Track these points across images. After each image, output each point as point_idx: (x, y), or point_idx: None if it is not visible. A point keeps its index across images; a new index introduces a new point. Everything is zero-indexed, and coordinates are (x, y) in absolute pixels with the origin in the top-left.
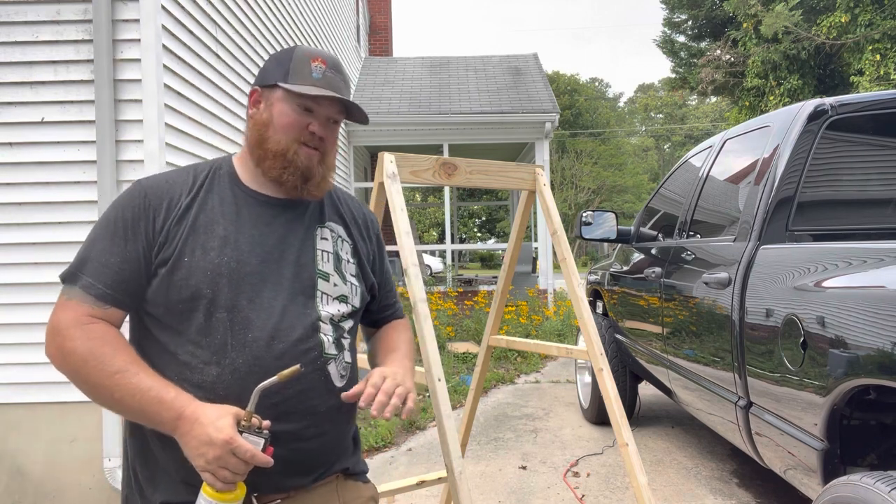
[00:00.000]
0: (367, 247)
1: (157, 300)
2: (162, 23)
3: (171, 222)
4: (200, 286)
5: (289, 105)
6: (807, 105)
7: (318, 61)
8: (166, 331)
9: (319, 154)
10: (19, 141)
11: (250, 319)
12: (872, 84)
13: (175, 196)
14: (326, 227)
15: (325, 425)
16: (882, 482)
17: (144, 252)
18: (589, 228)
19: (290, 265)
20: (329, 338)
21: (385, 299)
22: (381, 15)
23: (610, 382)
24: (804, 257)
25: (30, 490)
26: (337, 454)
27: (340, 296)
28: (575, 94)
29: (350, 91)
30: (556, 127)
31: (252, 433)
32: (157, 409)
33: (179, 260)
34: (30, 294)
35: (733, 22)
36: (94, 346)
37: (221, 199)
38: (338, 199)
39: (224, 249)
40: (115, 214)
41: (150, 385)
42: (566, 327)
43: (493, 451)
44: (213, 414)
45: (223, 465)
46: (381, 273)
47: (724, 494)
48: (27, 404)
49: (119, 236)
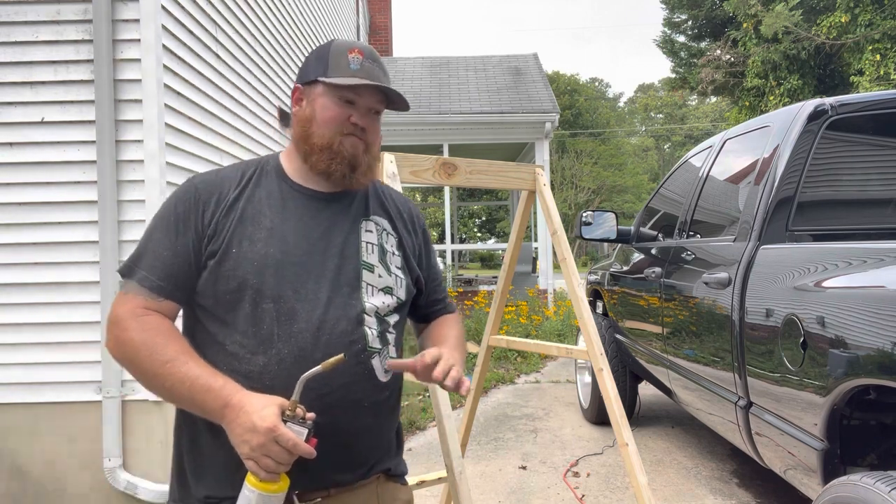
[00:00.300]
0: (412, 240)
1: (207, 291)
2: (162, 23)
3: (220, 215)
4: (247, 276)
5: (330, 98)
6: (807, 105)
7: (356, 52)
8: (215, 321)
9: (364, 143)
10: (19, 141)
11: (296, 310)
12: (872, 84)
13: (224, 190)
14: (371, 220)
15: (368, 419)
16: (882, 482)
17: (194, 245)
18: (589, 228)
19: (335, 257)
20: (373, 331)
21: (433, 294)
22: (381, 15)
23: (610, 382)
24: (804, 257)
25: (30, 490)
26: (380, 451)
27: (385, 287)
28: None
29: (389, 80)
30: (556, 127)
31: (296, 423)
32: (205, 398)
33: (227, 251)
34: (30, 294)
35: (733, 22)
36: (147, 336)
37: (269, 193)
38: (383, 194)
39: (270, 240)
40: (168, 210)
41: (199, 374)
42: (566, 327)
43: (493, 451)
44: (258, 403)
45: (266, 452)
46: (428, 267)
47: (724, 494)
48: (27, 404)
49: (171, 230)
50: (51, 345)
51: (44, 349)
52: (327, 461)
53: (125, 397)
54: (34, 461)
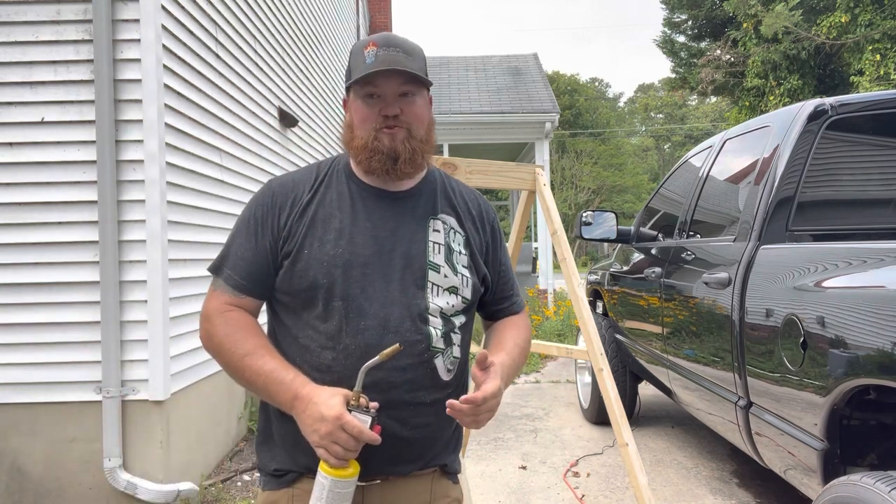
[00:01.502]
0: (479, 237)
1: (283, 288)
2: (162, 23)
3: (294, 218)
4: (317, 276)
5: (358, 100)
6: (807, 105)
7: (371, 46)
8: (291, 316)
9: (402, 130)
10: (19, 141)
11: (363, 308)
12: (872, 84)
13: (299, 193)
14: (439, 218)
15: (429, 418)
16: (882, 482)
17: (271, 246)
18: (589, 228)
19: (402, 256)
20: (438, 331)
21: (500, 292)
22: (381, 15)
23: (610, 382)
24: (804, 257)
25: (30, 490)
26: (439, 448)
27: (451, 287)
28: (575, 94)
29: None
30: (556, 127)
31: (360, 412)
32: (277, 389)
33: (300, 252)
34: (30, 294)
35: (733, 22)
36: (229, 331)
37: (339, 194)
38: (451, 190)
39: (339, 241)
40: (249, 213)
41: (273, 367)
42: (566, 327)
43: (493, 451)
44: (325, 394)
45: (334, 440)
46: (496, 264)
47: (724, 494)
48: (27, 404)
49: (251, 233)
50: (51, 345)
51: (44, 349)
52: (388, 455)
53: (125, 397)
54: (34, 461)
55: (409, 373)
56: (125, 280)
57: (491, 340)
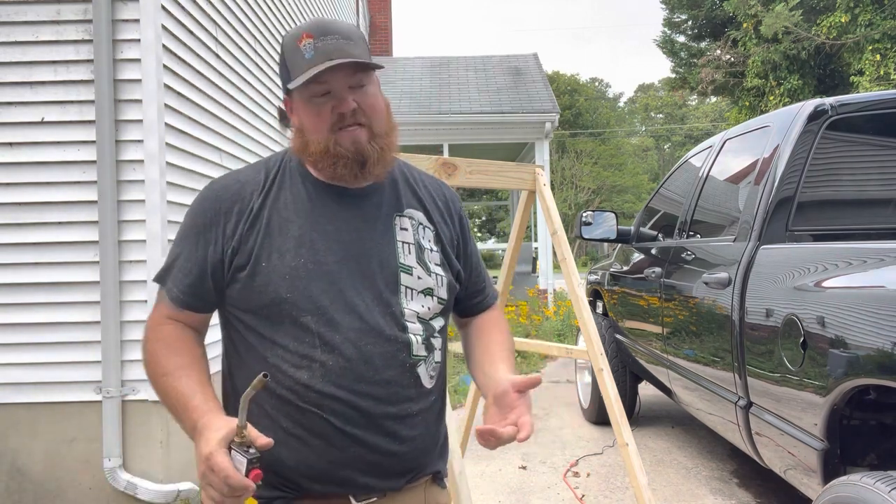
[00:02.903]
0: (449, 231)
1: (242, 306)
2: (162, 23)
3: (244, 226)
4: (280, 291)
5: (304, 102)
6: (807, 105)
7: (304, 38)
8: (255, 335)
9: (364, 129)
10: (19, 141)
11: (336, 321)
12: (872, 84)
13: (246, 197)
14: (405, 214)
15: (418, 428)
16: (882, 482)
17: (214, 258)
18: (589, 228)
19: (370, 261)
20: (418, 338)
21: (473, 286)
22: (381, 15)
23: (610, 382)
24: (804, 257)
25: (30, 490)
26: (428, 457)
27: (426, 289)
28: (575, 94)
29: (357, 41)
30: (556, 127)
31: (240, 451)
32: (182, 417)
33: (257, 265)
34: (30, 294)
35: (733, 22)
36: (157, 347)
37: (294, 196)
38: (414, 181)
39: (299, 251)
40: (191, 220)
41: (185, 391)
42: (566, 327)
43: (493, 451)
44: (214, 426)
45: (208, 482)
46: (467, 256)
47: (724, 494)
48: (27, 404)
49: (191, 241)
50: (51, 345)
51: (44, 349)
52: (382, 470)
53: (125, 397)
54: (34, 461)
55: (393, 385)
56: (125, 280)
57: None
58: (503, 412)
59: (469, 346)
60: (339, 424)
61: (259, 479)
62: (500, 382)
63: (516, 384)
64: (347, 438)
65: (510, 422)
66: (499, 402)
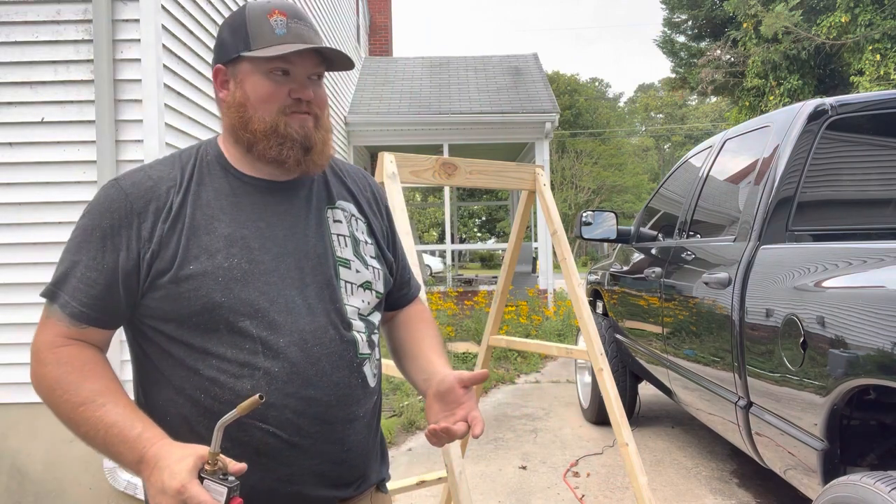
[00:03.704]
0: (379, 222)
1: (166, 315)
2: (162, 23)
3: (164, 226)
4: (213, 295)
5: (260, 75)
6: (807, 105)
7: (276, 14)
8: (181, 346)
9: (312, 117)
10: (19, 141)
11: (277, 323)
12: (872, 84)
13: (162, 194)
14: (337, 207)
15: (364, 431)
16: (882, 482)
17: (127, 264)
18: (589, 228)
19: (307, 257)
20: (362, 336)
21: (400, 277)
22: (381, 15)
23: (610, 382)
24: (804, 257)
25: (30, 490)
26: (373, 462)
27: (364, 283)
28: (575, 94)
29: (322, 38)
30: (556, 127)
31: (216, 480)
32: (120, 450)
33: (183, 269)
34: (30, 294)
35: (733, 22)
36: (61, 372)
37: (217, 192)
38: (342, 172)
39: (231, 249)
40: (91, 222)
41: (115, 420)
42: (566, 327)
43: (493, 451)
44: (173, 456)
45: None
46: (395, 246)
47: (724, 494)
48: (27, 404)
49: (96, 248)
50: None
51: None
52: (330, 480)
53: None
54: (34, 461)
55: (342, 387)
56: None
57: (407, 341)
58: (449, 408)
59: (397, 341)
60: (286, 437)
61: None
62: (444, 378)
63: (463, 379)
64: (295, 451)
65: (459, 418)
66: (443, 397)
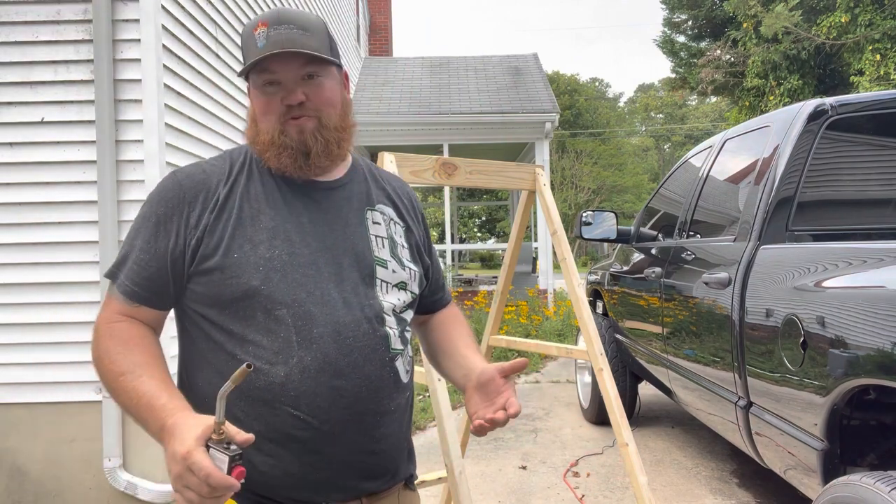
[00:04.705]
0: (417, 228)
1: (208, 300)
2: (162, 23)
3: (211, 216)
4: (252, 282)
5: (257, 90)
6: (807, 105)
7: (260, 27)
8: (221, 331)
9: (312, 120)
10: (19, 141)
11: (312, 314)
12: (872, 84)
13: (212, 186)
14: (377, 209)
15: (394, 425)
16: (882, 482)
17: (175, 249)
18: (589, 228)
19: (346, 254)
20: (394, 331)
21: (435, 282)
22: (381, 15)
23: (610, 382)
24: (804, 257)
25: (30, 490)
26: (401, 457)
27: (400, 283)
28: (575, 94)
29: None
30: (556, 127)
31: (220, 448)
32: (147, 417)
33: (227, 256)
34: (30, 294)
35: (733, 22)
36: (110, 345)
37: (264, 186)
38: (381, 179)
39: (274, 241)
40: (149, 210)
41: (147, 390)
42: (566, 327)
43: (493, 451)
44: (186, 425)
45: (185, 483)
46: (431, 253)
47: (724, 494)
48: (27, 404)
49: (151, 233)
50: (51, 345)
51: (44, 349)
52: (359, 471)
53: None
54: (34, 461)
55: (374, 380)
56: None
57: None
58: (489, 398)
59: (433, 342)
60: (316, 424)
61: (242, 477)
62: (484, 371)
63: (503, 369)
64: (326, 438)
65: (499, 406)
66: (484, 388)
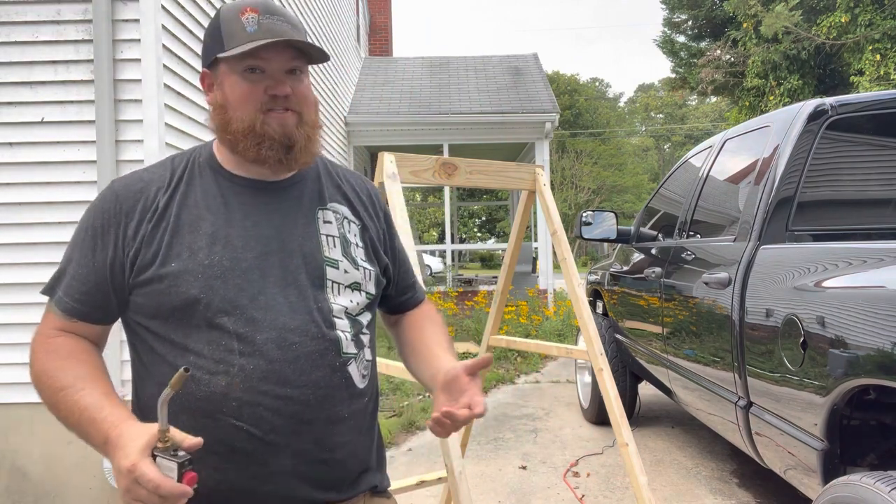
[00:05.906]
0: (375, 225)
1: (149, 311)
2: (162, 23)
3: (148, 226)
4: (192, 292)
5: (235, 74)
6: (807, 105)
7: (248, 11)
8: (164, 342)
9: (294, 114)
10: (19, 141)
11: (256, 320)
12: (872, 84)
13: (150, 195)
14: (328, 208)
15: (350, 433)
16: (882, 482)
17: (114, 262)
18: (589, 228)
19: (293, 255)
20: (346, 335)
21: (403, 281)
22: (381, 15)
23: (610, 382)
24: (804, 257)
25: (30, 490)
26: (363, 464)
27: (353, 283)
28: (575, 94)
29: (302, 31)
30: (556, 127)
31: (167, 456)
32: (89, 431)
33: (165, 266)
34: (30, 294)
35: (733, 22)
36: (47, 360)
37: (205, 192)
38: (337, 176)
39: (214, 247)
40: (87, 223)
41: (88, 403)
42: (566, 327)
43: (493, 451)
44: (131, 434)
45: (135, 497)
46: (394, 251)
47: (724, 494)
48: (27, 404)
49: (88, 246)
50: None
51: None
52: (311, 482)
53: (125, 397)
54: (34, 461)
55: (323, 387)
56: None
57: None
58: (454, 397)
59: (404, 342)
60: (260, 434)
61: (195, 482)
62: (450, 369)
63: (468, 367)
64: (271, 449)
65: (463, 404)
66: (449, 387)
